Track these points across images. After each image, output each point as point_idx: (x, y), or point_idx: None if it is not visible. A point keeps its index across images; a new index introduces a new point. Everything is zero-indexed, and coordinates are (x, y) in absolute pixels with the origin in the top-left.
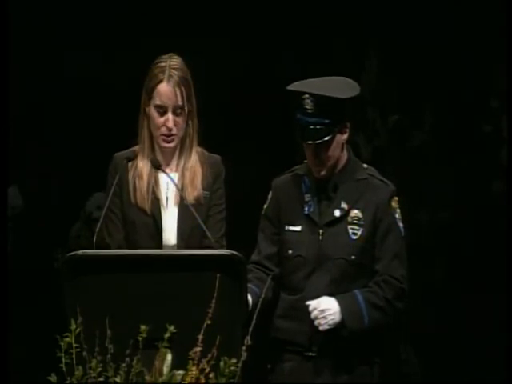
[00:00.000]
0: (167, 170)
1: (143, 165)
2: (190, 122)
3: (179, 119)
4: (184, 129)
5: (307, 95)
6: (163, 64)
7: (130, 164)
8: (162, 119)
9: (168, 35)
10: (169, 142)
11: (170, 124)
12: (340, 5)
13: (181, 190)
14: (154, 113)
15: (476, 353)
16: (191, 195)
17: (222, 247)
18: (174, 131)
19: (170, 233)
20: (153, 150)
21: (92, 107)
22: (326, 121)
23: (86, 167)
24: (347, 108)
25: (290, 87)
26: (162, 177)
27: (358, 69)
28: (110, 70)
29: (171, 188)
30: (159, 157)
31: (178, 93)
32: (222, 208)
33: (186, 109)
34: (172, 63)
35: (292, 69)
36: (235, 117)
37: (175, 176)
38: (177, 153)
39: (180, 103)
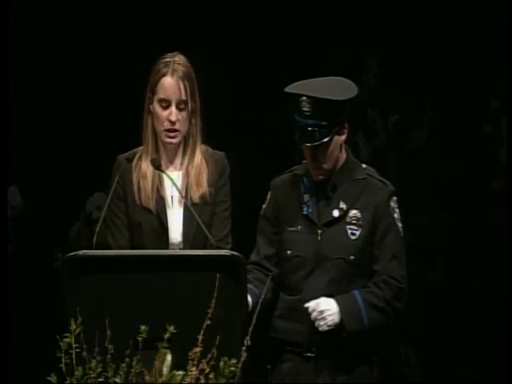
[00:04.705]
0: (171, 169)
1: (147, 165)
2: (193, 121)
3: (182, 114)
4: (187, 126)
5: (305, 97)
6: (167, 60)
7: (133, 165)
8: (165, 113)
9: (168, 34)
10: (172, 138)
11: (173, 117)
12: (340, 5)
13: (186, 188)
14: (157, 108)
15: (476, 353)
16: (197, 194)
17: (226, 245)
18: (177, 126)
19: (175, 232)
20: (157, 148)
21: (92, 107)
22: (324, 123)
23: (86, 167)
24: (345, 109)
25: (288, 89)
26: (166, 177)
27: (357, 69)
28: (111, 70)
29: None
30: (163, 155)
31: (182, 86)
32: (227, 206)
33: (189, 105)
34: (176, 59)
35: (291, 68)
36: (235, 117)
37: (179, 174)
38: (180, 151)
39: (184, 97)
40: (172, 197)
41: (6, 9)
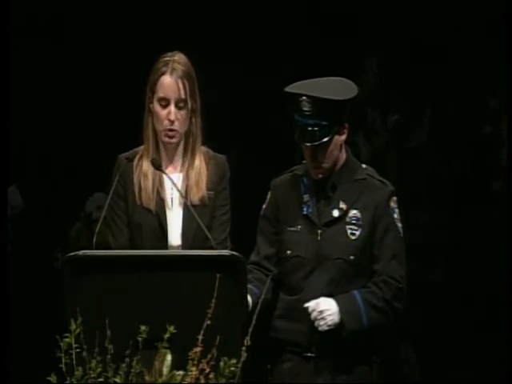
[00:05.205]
0: (171, 170)
1: (148, 165)
2: (193, 120)
3: (182, 113)
4: (187, 125)
5: (305, 97)
6: (167, 58)
7: (134, 164)
8: (164, 112)
9: (168, 34)
10: (171, 138)
11: (172, 116)
12: (340, 5)
13: (185, 190)
14: (157, 106)
15: (476, 353)
16: (196, 196)
17: (225, 248)
18: (176, 126)
19: (174, 233)
20: (157, 148)
21: (92, 107)
22: (324, 122)
23: (86, 167)
24: (345, 109)
25: (288, 89)
26: (166, 177)
27: (357, 69)
28: (111, 70)
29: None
30: (163, 155)
31: (181, 85)
32: (227, 209)
33: (189, 104)
34: (176, 58)
35: (291, 68)
36: (235, 117)
37: (179, 176)
38: (180, 151)
39: (183, 96)
40: (172, 199)
41: (6, 9)
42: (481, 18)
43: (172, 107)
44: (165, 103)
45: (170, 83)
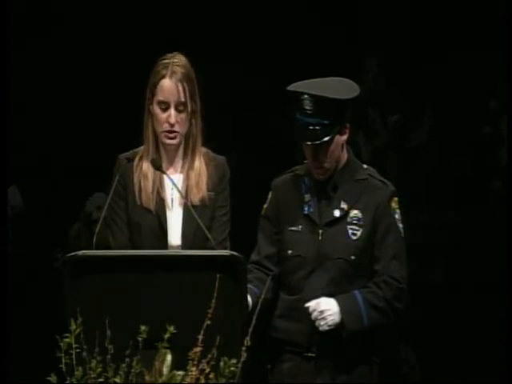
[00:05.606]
0: (171, 171)
1: (148, 165)
2: (193, 121)
3: (182, 116)
4: (187, 127)
5: (306, 96)
6: (166, 61)
7: (134, 164)
8: (164, 115)
9: (169, 34)
10: (171, 139)
11: (172, 120)
12: (340, 5)
13: (186, 191)
14: (156, 109)
15: (476, 353)
16: (196, 197)
17: (224, 249)
18: (177, 128)
19: (174, 233)
20: (157, 149)
21: (93, 107)
22: (326, 121)
23: (85, 167)
24: (347, 109)
25: (290, 88)
26: (167, 177)
27: (357, 69)
28: (112, 70)
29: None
30: (163, 156)
31: (181, 89)
32: (227, 210)
33: (188, 106)
34: (175, 60)
35: (292, 68)
36: (235, 117)
37: (180, 177)
38: (181, 153)
39: (182, 99)
40: (172, 199)
41: (6, 7)
42: (481, 17)
43: (172, 110)
44: (165, 106)
45: (169, 87)
